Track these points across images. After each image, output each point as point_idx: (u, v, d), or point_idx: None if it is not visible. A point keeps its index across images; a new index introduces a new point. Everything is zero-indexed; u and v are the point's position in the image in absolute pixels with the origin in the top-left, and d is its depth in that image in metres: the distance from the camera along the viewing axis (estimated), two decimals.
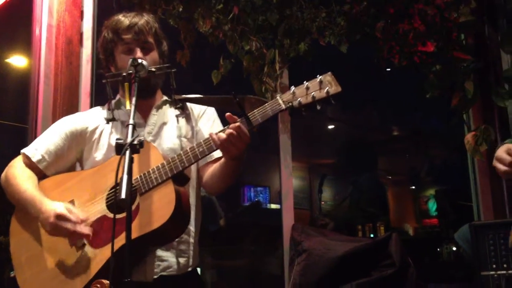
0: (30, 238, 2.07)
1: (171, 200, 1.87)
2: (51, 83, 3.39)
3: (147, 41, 2.17)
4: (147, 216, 1.88)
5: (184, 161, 1.91)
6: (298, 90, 1.88)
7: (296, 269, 3.18)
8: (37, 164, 2.12)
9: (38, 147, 2.15)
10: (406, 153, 10.19)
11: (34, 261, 2.04)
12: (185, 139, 2.19)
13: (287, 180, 3.88)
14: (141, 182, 1.92)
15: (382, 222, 6.85)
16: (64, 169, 2.19)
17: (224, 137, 1.85)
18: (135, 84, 1.94)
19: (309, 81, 1.88)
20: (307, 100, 1.85)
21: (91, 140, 2.16)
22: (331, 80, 1.86)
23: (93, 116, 2.23)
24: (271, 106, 1.88)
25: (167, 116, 2.22)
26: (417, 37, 3.61)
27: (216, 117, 2.30)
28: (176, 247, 2.08)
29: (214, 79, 3.78)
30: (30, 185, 2.05)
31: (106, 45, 2.20)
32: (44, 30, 3.48)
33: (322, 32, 3.74)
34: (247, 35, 3.77)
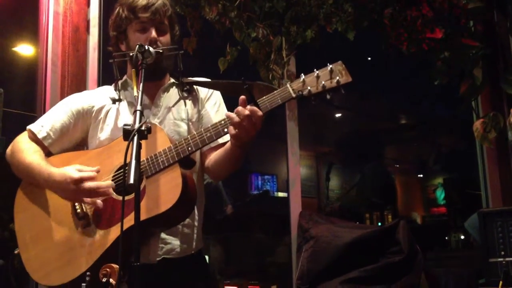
0: (35, 215, 2.06)
1: (178, 184, 1.87)
2: (59, 71, 3.39)
3: (162, 22, 2.16)
4: (153, 199, 1.88)
5: (192, 146, 1.91)
6: (308, 79, 1.86)
7: (303, 255, 3.19)
8: (43, 141, 2.11)
9: (44, 123, 2.14)
10: (414, 141, 10.14)
11: (39, 240, 2.03)
12: (190, 122, 2.18)
13: (294, 167, 3.88)
14: (148, 165, 1.92)
15: (389, 211, 6.85)
16: (69, 147, 2.18)
17: (237, 120, 1.84)
18: (142, 71, 1.93)
19: (320, 70, 1.86)
20: (317, 89, 1.84)
21: (96, 120, 2.16)
22: (342, 70, 1.84)
23: (100, 95, 2.22)
24: (281, 94, 1.86)
25: (174, 99, 2.21)
26: (425, 23, 3.58)
27: (222, 101, 2.28)
28: (180, 230, 2.08)
29: (220, 66, 3.77)
30: (37, 157, 2.05)
31: (119, 22, 2.17)
32: (51, 18, 3.47)
33: (329, 19, 3.71)
34: (254, 22, 3.75)
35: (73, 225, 1.99)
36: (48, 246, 2.00)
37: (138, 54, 1.95)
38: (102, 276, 1.56)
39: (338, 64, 1.85)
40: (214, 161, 2.12)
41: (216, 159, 2.11)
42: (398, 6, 3.59)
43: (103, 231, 1.94)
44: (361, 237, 3.10)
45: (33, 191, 2.08)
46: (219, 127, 1.90)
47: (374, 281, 2.97)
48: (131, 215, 1.59)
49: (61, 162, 2.05)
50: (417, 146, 10.25)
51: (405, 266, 2.99)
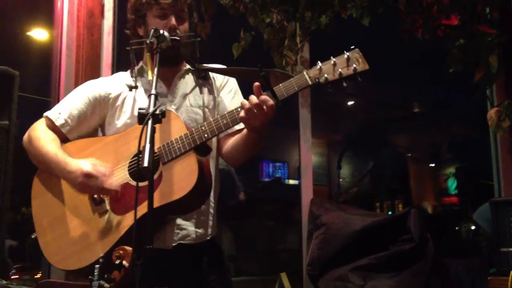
0: (52, 200, 2.08)
1: (193, 170, 1.88)
2: (73, 55, 3.40)
3: (182, 10, 2.16)
4: (169, 185, 1.89)
5: (208, 132, 1.91)
6: (324, 66, 1.85)
7: (314, 242, 3.20)
8: (60, 128, 2.13)
9: (62, 111, 2.14)
10: (427, 130, 10.07)
11: (56, 225, 2.05)
12: (207, 109, 2.19)
13: (306, 154, 3.88)
14: (164, 151, 1.93)
15: (400, 200, 6.83)
16: (86, 134, 2.20)
17: (248, 106, 1.85)
18: (156, 55, 1.93)
19: (336, 57, 1.85)
20: (334, 77, 1.84)
21: (113, 107, 2.17)
22: (359, 57, 1.84)
23: (116, 82, 2.23)
24: (297, 81, 1.86)
25: (190, 86, 2.22)
26: (441, 10, 3.54)
27: (238, 88, 2.28)
28: (195, 216, 2.09)
29: (234, 52, 3.76)
30: (54, 146, 2.06)
31: (139, 6, 2.18)
32: (66, 2, 3.48)
33: (344, 4, 3.68)
34: (268, 7, 3.73)
35: (90, 211, 2.01)
36: (65, 231, 2.03)
37: (153, 39, 1.96)
38: (116, 258, 1.57)
39: (355, 52, 1.85)
40: (231, 147, 2.13)
41: (233, 145, 2.12)
42: None
43: (120, 216, 1.95)
44: (372, 225, 3.10)
45: (50, 177, 2.09)
46: (235, 114, 1.91)
47: (384, 269, 2.97)
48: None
49: (77, 149, 2.08)
50: (429, 134, 10.17)
51: (415, 254, 2.99)
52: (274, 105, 1.84)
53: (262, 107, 1.83)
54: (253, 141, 2.03)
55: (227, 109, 2.11)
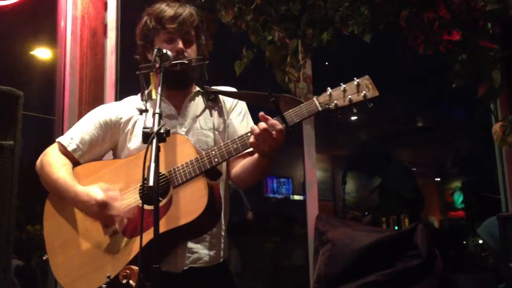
0: (63, 222, 2.09)
1: (203, 195, 1.88)
2: (77, 74, 3.42)
3: (189, 33, 2.18)
4: (179, 209, 1.90)
5: (218, 157, 1.92)
6: (334, 92, 1.87)
7: (320, 259, 3.18)
8: (72, 153, 2.15)
9: (73, 136, 2.16)
10: (431, 144, 10.04)
11: (67, 246, 2.07)
12: (217, 132, 2.19)
13: (311, 170, 3.87)
14: (175, 175, 1.94)
15: (406, 215, 6.79)
16: (98, 158, 2.22)
17: (258, 132, 1.85)
18: (160, 74, 1.94)
19: (346, 84, 1.87)
20: (344, 103, 1.85)
21: (124, 131, 2.18)
22: (369, 84, 1.85)
23: (126, 106, 2.25)
24: (307, 107, 1.87)
25: (200, 108, 2.23)
26: (443, 26, 3.55)
27: (247, 110, 2.29)
28: (207, 239, 2.09)
29: (237, 69, 3.78)
30: (64, 172, 2.06)
31: (147, 32, 2.20)
32: (69, 22, 3.52)
33: (346, 21, 3.70)
34: (270, 25, 3.76)
35: (100, 233, 2.02)
36: (76, 253, 2.04)
37: (156, 58, 1.97)
38: (122, 277, 1.57)
39: (365, 78, 1.87)
40: (241, 170, 2.14)
41: (243, 168, 2.12)
42: (415, 8, 3.57)
43: (130, 239, 1.96)
44: (379, 241, 3.08)
45: (61, 199, 2.10)
46: (245, 139, 1.92)
47: (392, 286, 2.95)
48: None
49: (87, 172, 2.10)
50: (433, 149, 10.15)
51: (423, 270, 2.97)
52: (283, 129, 1.85)
53: (271, 132, 1.84)
54: (263, 165, 2.04)
55: (236, 131, 2.14)
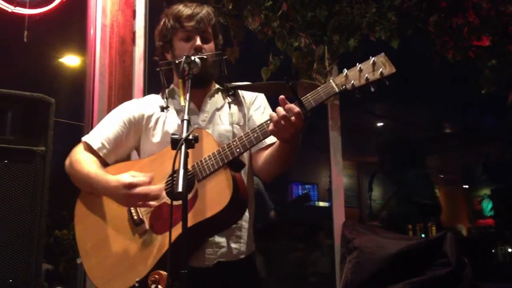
0: (94, 225, 2.12)
1: (228, 186, 1.88)
2: (106, 81, 3.47)
3: (206, 31, 2.20)
4: (205, 202, 1.90)
5: (240, 147, 1.93)
6: (351, 73, 1.83)
7: (347, 266, 3.15)
8: (98, 152, 2.17)
9: (98, 135, 2.19)
10: (459, 151, 9.91)
11: (99, 248, 2.09)
12: (237, 126, 2.20)
13: (337, 177, 3.85)
14: (198, 169, 1.95)
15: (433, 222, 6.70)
16: (123, 156, 2.25)
17: (276, 118, 1.84)
18: (188, 81, 1.96)
19: (362, 63, 1.83)
20: (361, 83, 1.81)
21: (147, 128, 2.20)
22: (385, 61, 1.81)
23: (148, 103, 2.27)
24: (324, 89, 1.84)
25: (220, 103, 2.25)
26: (472, 31, 3.52)
27: (267, 103, 2.29)
28: (233, 233, 2.10)
29: (263, 75, 3.78)
30: (95, 167, 2.09)
31: (165, 31, 2.23)
32: (99, 29, 3.57)
33: (373, 27, 3.68)
34: (296, 31, 3.76)
35: (130, 232, 2.04)
36: (108, 254, 2.06)
37: (185, 65, 2.00)
38: (151, 282, 1.58)
39: (381, 56, 1.82)
40: (263, 161, 2.13)
41: (266, 159, 2.12)
42: (444, 13, 3.54)
43: (159, 236, 1.98)
44: (406, 249, 3.05)
45: (91, 201, 2.14)
46: (265, 126, 1.91)
47: None
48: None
49: (117, 171, 2.11)
50: (462, 155, 10.02)
51: (452, 279, 2.92)
52: (300, 113, 1.83)
53: (290, 117, 1.83)
54: (286, 152, 2.02)
55: (257, 124, 2.13)
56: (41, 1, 3.78)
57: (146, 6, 3.72)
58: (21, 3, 3.69)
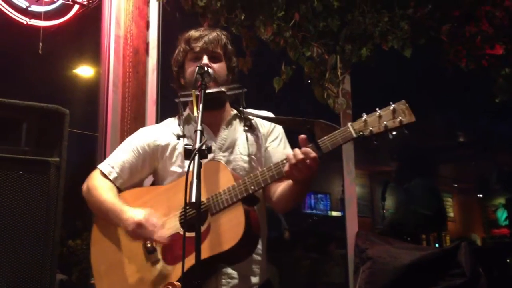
0: (109, 248, 2.15)
1: (240, 222, 1.89)
2: (119, 92, 3.50)
3: (215, 51, 2.22)
4: (217, 237, 1.91)
5: (254, 184, 1.93)
6: (369, 119, 1.82)
7: (361, 277, 3.13)
8: (114, 182, 2.21)
9: (114, 164, 2.22)
10: (473, 160, 9.83)
11: (112, 271, 2.12)
12: (254, 157, 2.21)
13: (350, 187, 3.84)
14: (213, 203, 1.96)
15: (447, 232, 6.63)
16: (139, 184, 2.28)
17: (293, 161, 1.85)
18: (201, 92, 1.97)
19: (382, 109, 1.82)
20: (379, 130, 1.79)
21: (163, 157, 2.22)
22: (405, 109, 1.80)
23: (164, 131, 2.28)
24: (342, 134, 1.84)
25: (237, 133, 2.23)
26: (485, 40, 3.50)
27: (284, 135, 2.30)
28: (245, 265, 2.09)
29: (276, 85, 3.78)
30: (111, 195, 2.13)
31: (178, 57, 2.27)
32: (112, 41, 3.61)
33: (385, 36, 3.67)
34: (308, 41, 3.76)
35: (143, 259, 2.05)
36: (120, 278, 2.08)
37: (198, 76, 2.01)
38: None
39: (401, 104, 1.81)
40: (277, 195, 2.14)
41: (279, 194, 2.13)
42: (456, 22, 3.52)
43: (170, 266, 1.99)
44: (421, 259, 3.02)
45: (107, 225, 2.16)
46: (280, 166, 1.92)
47: None
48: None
49: (133, 197, 2.16)
50: (476, 164, 9.93)
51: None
52: (316, 157, 1.84)
53: (306, 160, 1.84)
54: (298, 191, 2.05)
55: (273, 156, 2.16)
56: (56, 13, 3.83)
57: (159, 18, 3.75)
58: (36, 15, 3.75)
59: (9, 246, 2.13)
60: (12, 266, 2.12)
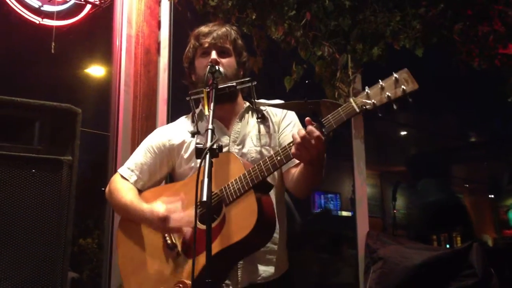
0: (133, 249, 2.19)
1: (253, 210, 1.88)
2: (131, 91, 3.52)
3: (224, 46, 2.22)
4: (232, 227, 1.90)
5: (264, 171, 1.92)
6: (372, 91, 1.76)
7: (371, 277, 3.12)
8: (134, 184, 2.25)
9: (133, 168, 2.26)
10: (485, 160, 9.77)
11: (138, 271, 2.15)
12: (268, 147, 2.20)
13: (361, 186, 3.83)
14: (226, 193, 1.95)
15: (458, 232, 6.60)
16: (159, 183, 2.32)
17: (298, 141, 1.83)
18: (212, 90, 1.98)
19: (384, 80, 1.75)
20: (382, 101, 1.74)
21: (179, 155, 2.24)
22: (407, 77, 1.71)
23: (178, 129, 2.29)
24: (344, 110, 1.79)
25: (249, 125, 2.23)
26: (498, 39, 3.48)
27: (297, 120, 2.27)
28: (262, 255, 2.08)
29: (286, 84, 3.78)
30: (132, 195, 2.18)
31: (188, 54, 2.29)
32: (124, 40, 3.62)
33: (397, 36, 3.65)
34: (319, 40, 3.75)
35: (164, 256, 2.08)
36: (146, 277, 2.12)
37: (209, 74, 2.01)
38: None
39: (403, 72, 1.74)
40: (294, 181, 2.13)
41: (296, 178, 2.11)
42: (469, 21, 3.50)
43: (190, 260, 1.99)
44: (432, 259, 3.01)
45: (129, 226, 2.20)
46: (288, 149, 1.90)
47: None
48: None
49: (153, 195, 2.19)
50: (487, 165, 9.87)
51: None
52: (320, 136, 1.81)
53: (310, 140, 1.81)
54: (311, 174, 2.01)
55: (287, 141, 2.12)
56: (68, 13, 3.85)
57: (170, 17, 3.76)
58: (49, 15, 3.77)
59: (21, 244, 2.14)
60: (24, 264, 2.13)
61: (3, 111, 2.21)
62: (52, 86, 4.83)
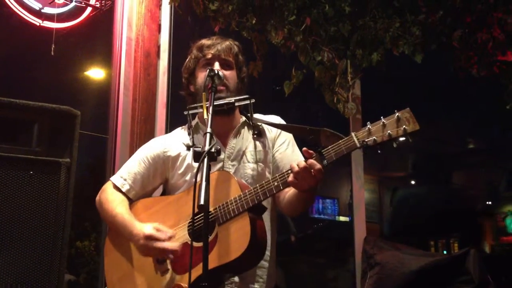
0: (121, 258, 2.19)
1: (246, 232, 1.90)
2: (130, 94, 3.52)
3: (227, 59, 2.26)
4: (224, 246, 1.93)
5: (260, 195, 1.94)
6: (373, 128, 1.82)
7: (368, 282, 3.13)
8: (127, 194, 2.25)
9: (126, 176, 2.26)
10: (483, 167, 9.79)
11: (124, 281, 2.16)
12: (262, 164, 2.23)
13: (358, 192, 3.83)
14: (220, 213, 1.97)
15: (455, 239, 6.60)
16: (151, 193, 2.32)
17: (296, 170, 1.86)
18: (211, 94, 1.99)
19: (386, 118, 1.81)
20: (383, 139, 1.80)
21: (174, 167, 2.25)
22: (409, 117, 1.78)
23: (174, 141, 2.30)
24: (346, 143, 1.84)
25: (245, 141, 2.26)
26: (497, 46, 3.49)
27: (292, 139, 2.31)
28: (252, 273, 2.11)
29: (286, 89, 3.78)
30: (122, 209, 2.17)
31: (189, 64, 2.31)
32: (124, 43, 3.63)
33: (396, 42, 3.67)
34: (319, 45, 3.76)
35: (153, 269, 2.08)
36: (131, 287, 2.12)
37: (208, 78, 2.03)
38: None
39: (406, 112, 1.80)
40: (285, 202, 2.16)
41: (288, 200, 2.15)
42: (468, 28, 3.51)
43: (179, 276, 2.01)
44: (429, 265, 3.01)
45: (119, 236, 2.20)
46: (285, 176, 1.93)
47: None
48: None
49: (143, 207, 2.21)
50: (485, 171, 9.89)
51: None
52: (321, 168, 1.85)
53: (310, 170, 1.85)
54: (303, 199, 2.06)
55: (282, 161, 2.20)
56: (69, 15, 3.86)
57: (171, 21, 3.77)
58: (49, 17, 3.78)
59: (18, 246, 2.14)
60: (21, 265, 2.13)
61: (1, 113, 2.21)
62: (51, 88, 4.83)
